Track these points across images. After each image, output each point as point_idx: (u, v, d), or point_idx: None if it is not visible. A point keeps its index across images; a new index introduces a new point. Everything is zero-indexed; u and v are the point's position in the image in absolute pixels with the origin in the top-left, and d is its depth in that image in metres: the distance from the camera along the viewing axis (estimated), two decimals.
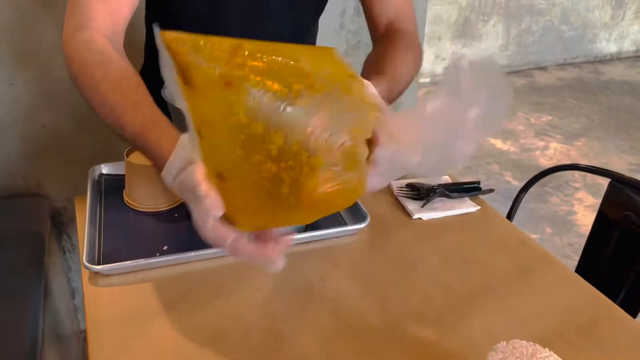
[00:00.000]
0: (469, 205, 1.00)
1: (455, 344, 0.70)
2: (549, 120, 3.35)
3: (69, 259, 1.60)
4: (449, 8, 3.70)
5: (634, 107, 3.57)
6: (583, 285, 0.82)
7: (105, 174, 1.04)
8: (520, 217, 2.40)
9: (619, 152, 3.00)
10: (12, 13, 1.25)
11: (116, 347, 0.69)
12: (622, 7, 4.23)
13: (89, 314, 0.74)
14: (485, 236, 0.93)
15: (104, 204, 0.96)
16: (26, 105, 1.35)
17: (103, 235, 0.88)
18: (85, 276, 0.81)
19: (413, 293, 0.79)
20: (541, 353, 0.61)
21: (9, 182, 1.43)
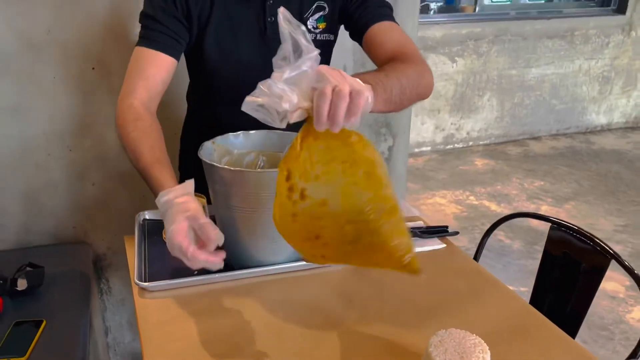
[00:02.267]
0: (438, 244, 1.24)
1: (415, 338, 0.93)
2: (541, 185, 3.60)
3: (105, 300, 1.84)
4: (447, 84, 4.07)
5: (622, 173, 3.82)
6: (519, 301, 1.05)
7: (148, 219, 1.31)
8: (511, 272, 2.61)
9: (605, 215, 3.22)
10: (76, 94, 1.57)
11: (160, 339, 0.93)
12: (608, 83, 4.57)
13: (140, 317, 0.99)
14: (448, 267, 1.17)
15: (147, 240, 1.23)
16: (81, 168, 1.65)
17: (147, 263, 1.14)
18: (135, 291, 1.06)
19: (387, 306, 1.03)
20: (469, 337, 0.84)
21: (62, 231, 1.70)
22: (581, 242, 1.21)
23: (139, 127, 1.03)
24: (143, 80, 1.09)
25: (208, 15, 1.13)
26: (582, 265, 1.20)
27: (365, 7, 1.14)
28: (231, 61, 1.18)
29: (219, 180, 1.04)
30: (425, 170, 3.84)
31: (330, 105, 0.72)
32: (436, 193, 3.48)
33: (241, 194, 1.02)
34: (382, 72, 0.95)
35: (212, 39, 1.15)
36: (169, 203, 0.90)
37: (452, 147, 4.28)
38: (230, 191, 1.03)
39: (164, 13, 1.10)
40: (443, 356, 0.80)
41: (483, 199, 3.40)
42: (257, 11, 1.15)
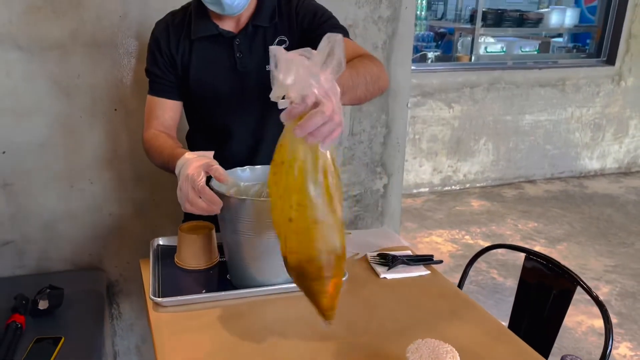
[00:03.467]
0: (423, 270, 1.37)
1: (396, 348, 1.05)
2: (535, 226, 3.73)
3: (115, 324, 1.96)
4: (444, 129, 4.25)
5: (614, 217, 3.95)
6: (491, 319, 1.18)
7: (161, 245, 1.45)
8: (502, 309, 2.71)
9: (596, 256, 3.33)
10: (99, 133, 1.74)
11: (171, 349, 1.06)
12: (600, 130, 4.75)
13: (154, 329, 1.12)
14: (431, 291, 1.30)
15: (161, 263, 1.36)
16: (100, 199, 1.80)
17: (161, 282, 1.27)
18: (149, 306, 1.19)
19: (374, 323, 1.15)
20: (442, 345, 0.96)
21: (79, 258, 1.84)
22: (551, 270, 1.33)
23: (160, 138, 1.33)
24: (155, 119, 1.39)
25: (188, 60, 1.36)
26: (553, 292, 1.32)
27: (321, 27, 1.30)
28: (210, 92, 1.39)
29: (227, 208, 1.18)
30: (422, 210, 3.97)
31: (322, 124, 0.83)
32: (433, 232, 3.60)
33: (247, 220, 1.16)
34: (353, 70, 1.11)
35: (194, 77, 1.37)
36: (185, 158, 1.13)
37: (449, 188, 4.43)
38: (237, 218, 1.17)
39: (158, 67, 1.37)
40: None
41: (478, 238, 3.52)
42: (228, 50, 1.35)
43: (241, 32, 1.34)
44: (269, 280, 1.23)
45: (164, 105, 1.39)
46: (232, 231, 1.20)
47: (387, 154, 2.14)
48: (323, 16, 1.34)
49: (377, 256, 1.41)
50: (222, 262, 1.35)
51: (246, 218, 1.16)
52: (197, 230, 1.34)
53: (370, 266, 1.39)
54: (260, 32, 1.35)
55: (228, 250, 1.26)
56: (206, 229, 1.34)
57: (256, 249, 1.19)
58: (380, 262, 1.39)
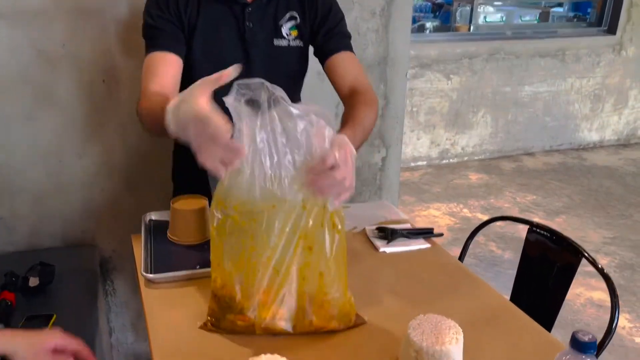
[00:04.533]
0: (423, 244, 1.34)
1: (397, 324, 1.02)
2: (533, 199, 3.70)
3: (109, 301, 1.93)
4: (442, 101, 4.19)
5: (613, 189, 3.92)
6: (494, 293, 1.15)
7: (154, 220, 1.40)
8: (501, 281, 2.69)
9: (595, 228, 3.31)
10: (87, 105, 1.68)
11: (164, 326, 1.02)
12: (600, 101, 4.69)
13: (146, 304, 1.08)
14: (432, 265, 1.26)
15: (153, 238, 1.32)
16: (91, 174, 1.75)
17: (154, 258, 1.23)
18: (142, 282, 1.15)
19: (374, 297, 1.12)
20: (445, 321, 0.93)
21: (71, 235, 1.80)
22: (555, 243, 1.30)
23: (158, 98, 1.11)
24: (155, 77, 1.20)
25: (195, 21, 1.27)
26: (556, 265, 1.29)
27: (330, 36, 1.32)
28: (215, 60, 1.28)
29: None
30: (420, 184, 3.94)
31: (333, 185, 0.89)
32: (430, 205, 3.57)
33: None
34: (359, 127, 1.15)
35: (199, 40, 1.28)
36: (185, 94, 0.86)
37: (447, 161, 4.38)
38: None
39: (162, 20, 1.24)
40: (420, 337, 0.89)
41: (476, 211, 3.49)
42: (238, 17, 1.29)
43: (255, 1, 1.29)
44: None
45: (167, 60, 1.23)
46: None
47: (385, 126, 2.09)
48: (335, 17, 1.33)
49: (376, 229, 1.37)
50: None
51: None
52: (190, 205, 1.30)
53: (368, 240, 1.35)
54: (273, 4, 1.31)
55: None
56: (199, 203, 1.30)
57: None
58: (379, 235, 1.35)
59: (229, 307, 0.98)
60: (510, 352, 0.97)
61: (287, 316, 0.98)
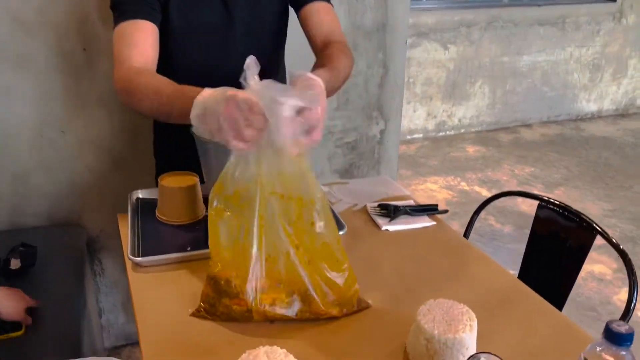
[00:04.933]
0: (427, 221, 1.26)
1: (403, 310, 0.95)
2: (531, 171, 3.63)
3: (98, 281, 1.86)
4: (438, 71, 4.08)
5: (612, 160, 3.86)
6: (507, 275, 1.08)
7: (141, 198, 1.32)
8: (501, 255, 2.65)
9: (594, 200, 3.26)
10: (68, 76, 1.57)
11: (153, 314, 0.95)
12: (599, 71, 4.60)
13: (134, 290, 1.01)
14: (438, 243, 1.19)
15: (140, 218, 1.24)
16: (75, 150, 1.66)
17: (141, 239, 1.15)
18: (128, 266, 1.07)
19: (378, 282, 1.05)
20: (457, 306, 0.86)
21: (56, 214, 1.71)
22: (567, 219, 1.23)
23: (146, 75, 1.02)
24: (133, 47, 1.07)
25: None
26: (568, 243, 1.22)
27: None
28: (196, 25, 1.20)
29: (213, 157, 1.05)
30: (417, 157, 3.86)
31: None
32: (428, 179, 3.50)
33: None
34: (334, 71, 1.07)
35: (177, 6, 1.16)
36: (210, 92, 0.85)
37: (443, 134, 4.30)
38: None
39: None
40: (431, 324, 0.82)
41: (474, 184, 3.43)
42: None
43: None
44: None
45: (144, 28, 1.09)
46: None
47: (384, 96, 1.99)
48: None
49: (378, 207, 1.29)
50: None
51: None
52: (180, 182, 1.21)
53: (370, 218, 1.27)
54: None
55: None
56: (189, 180, 1.21)
57: None
58: (381, 213, 1.27)
59: (225, 292, 0.90)
60: (526, 337, 0.91)
61: (286, 302, 0.91)
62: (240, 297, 0.89)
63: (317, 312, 0.91)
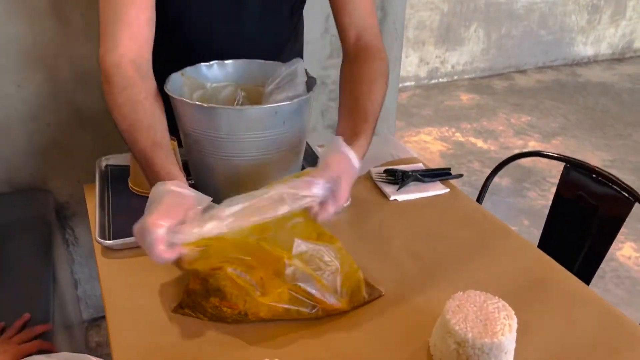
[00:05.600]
0: (440, 188, 1.11)
1: (422, 300, 0.81)
2: (528, 120, 3.49)
3: (72, 251, 1.70)
4: (432, 14, 3.84)
5: (609, 107, 3.73)
6: (535, 251, 0.94)
7: (111, 165, 1.14)
8: (500, 210, 2.53)
9: (593, 150, 3.14)
10: (22, 21, 1.35)
11: (125, 305, 0.79)
12: (597, 12, 4.39)
13: (104, 281, 0.85)
14: (453, 214, 1.05)
15: (111, 190, 1.07)
16: (33, 106, 1.45)
17: (112, 217, 0.99)
18: (98, 250, 0.91)
19: (387, 261, 0.90)
20: (491, 300, 0.72)
21: (17, 178, 1.53)
22: (600, 184, 1.09)
23: (131, 99, 0.82)
24: (125, 26, 0.86)
25: None
26: (599, 210, 1.08)
27: None
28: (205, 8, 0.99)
29: (190, 120, 0.88)
30: (409, 107, 3.68)
31: None
32: (421, 130, 3.34)
33: (217, 135, 0.86)
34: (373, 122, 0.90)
35: None
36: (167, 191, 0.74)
37: (436, 81, 4.11)
38: (203, 132, 0.86)
39: None
40: (463, 324, 0.68)
41: (469, 135, 3.28)
42: None
43: None
44: None
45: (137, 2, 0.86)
46: (198, 151, 0.90)
47: None
48: None
49: (383, 172, 1.14)
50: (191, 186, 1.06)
51: (216, 133, 0.85)
52: None
53: (375, 185, 1.12)
54: None
55: (195, 173, 0.97)
56: None
57: (232, 174, 0.90)
58: (388, 179, 1.12)
59: (215, 291, 0.75)
60: (570, 330, 0.77)
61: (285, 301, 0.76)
62: (232, 300, 0.74)
63: (324, 307, 0.77)
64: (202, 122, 0.86)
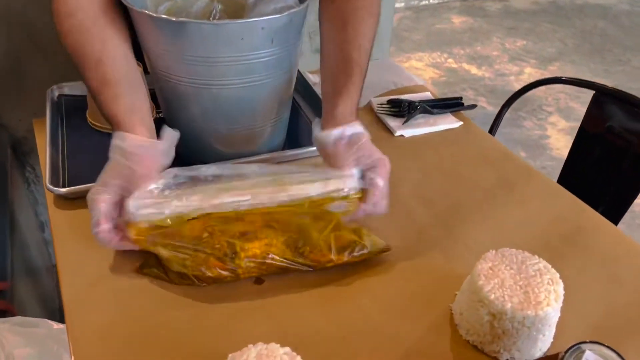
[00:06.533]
0: (452, 121, 0.97)
1: (440, 257, 0.69)
2: (523, 45, 3.30)
3: (34, 191, 1.53)
4: None
5: (608, 30, 3.55)
6: (565, 195, 0.81)
7: (66, 95, 0.97)
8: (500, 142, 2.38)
9: (592, 76, 2.99)
10: None
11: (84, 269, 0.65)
12: None
13: (57, 238, 0.70)
14: (468, 151, 0.91)
15: (65, 126, 0.90)
16: None
17: (67, 158, 0.83)
18: (50, 200, 0.76)
19: (396, 208, 0.76)
20: (531, 260, 0.59)
21: None
22: (634, 116, 0.95)
23: (75, 29, 0.65)
24: None
25: None
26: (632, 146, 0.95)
27: None
28: None
29: (155, 39, 0.70)
30: (399, 30, 3.45)
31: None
32: (412, 56, 3.14)
33: (189, 58, 0.68)
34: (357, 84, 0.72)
35: None
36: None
37: (426, 2, 3.85)
38: (173, 54, 0.69)
39: None
40: (500, 292, 0.55)
41: (462, 61, 3.09)
42: None
43: None
44: (232, 150, 0.80)
45: None
46: (167, 78, 0.73)
47: None
48: None
49: (387, 103, 0.98)
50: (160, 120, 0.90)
51: (188, 55, 0.68)
52: None
53: (378, 119, 0.96)
54: None
55: (165, 106, 0.81)
56: None
57: (207, 106, 0.74)
58: (392, 111, 0.97)
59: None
60: (615, 290, 0.66)
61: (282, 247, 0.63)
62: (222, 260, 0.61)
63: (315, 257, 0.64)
64: (170, 41, 0.68)
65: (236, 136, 0.78)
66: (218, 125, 0.76)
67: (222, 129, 0.76)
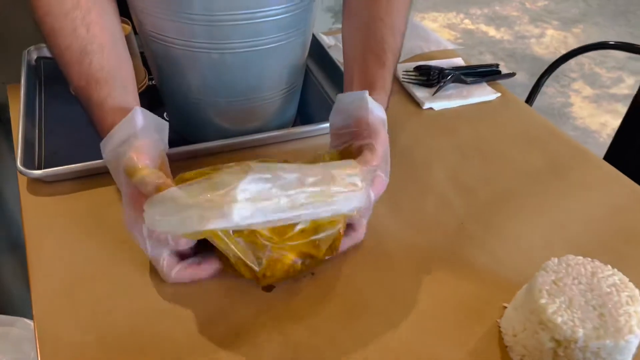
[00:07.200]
0: (488, 92, 0.84)
1: (483, 260, 0.58)
2: (545, 5, 3.12)
3: None
4: None
5: None
6: (629, 184, 0.70)
7: (45, 58, 0.85)
8: None
9: (617, 39, 2.82)
10: None
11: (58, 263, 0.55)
12: None
13: (29, 232, 0.59)
14: (509, 128, 0.79)
15: (44, 94, 0.78)
16: None
17: (44, 133, 0.71)
18: (22, 184, 0.65)
19: (428, 197, 0.65)
20: (603, 271, 0.48)
21: None
22: None
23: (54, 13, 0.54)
24: None
25: None
26: None
27: None
28: None
29: None
30: None
31: None
32: (425, 16, 2.97)
33: (186, 17, 0.56)
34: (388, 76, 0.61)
35: None
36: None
37: None
38: (164, 10, 0.57)
39: None
40: (569, 315, 0.45)
41: (480, 22, 2.92)
42: None
43: None
44: (233, 127, 0.68)
45: None
46: (160, 39, 0.61)
47: None
48: None
49: (414, 71, 0.85)
50: (151, 87, 0.78)
51: (184, 13, 0.56)
52: None
53: (403, 89, 0.84)
54: None
55: (157, 73, 0.68)
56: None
57: (208, 73, 0.62)
58: (420, 80, 0.84)
59: None
60: None
61: None
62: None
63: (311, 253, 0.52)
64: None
65: (240, 110, 0.66)
66: (219, 97, 0.64)
67: (223, 101, 0.65)
